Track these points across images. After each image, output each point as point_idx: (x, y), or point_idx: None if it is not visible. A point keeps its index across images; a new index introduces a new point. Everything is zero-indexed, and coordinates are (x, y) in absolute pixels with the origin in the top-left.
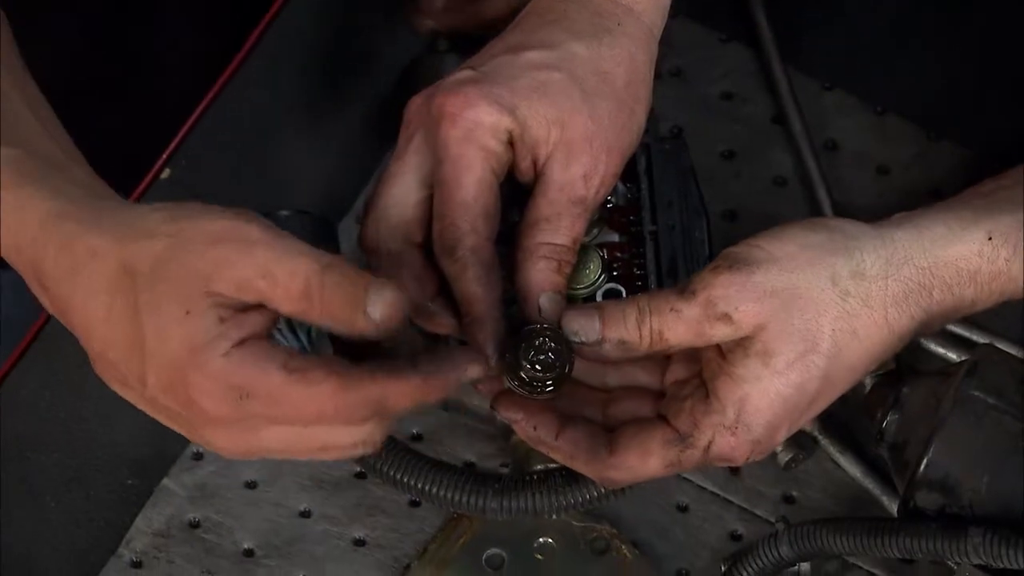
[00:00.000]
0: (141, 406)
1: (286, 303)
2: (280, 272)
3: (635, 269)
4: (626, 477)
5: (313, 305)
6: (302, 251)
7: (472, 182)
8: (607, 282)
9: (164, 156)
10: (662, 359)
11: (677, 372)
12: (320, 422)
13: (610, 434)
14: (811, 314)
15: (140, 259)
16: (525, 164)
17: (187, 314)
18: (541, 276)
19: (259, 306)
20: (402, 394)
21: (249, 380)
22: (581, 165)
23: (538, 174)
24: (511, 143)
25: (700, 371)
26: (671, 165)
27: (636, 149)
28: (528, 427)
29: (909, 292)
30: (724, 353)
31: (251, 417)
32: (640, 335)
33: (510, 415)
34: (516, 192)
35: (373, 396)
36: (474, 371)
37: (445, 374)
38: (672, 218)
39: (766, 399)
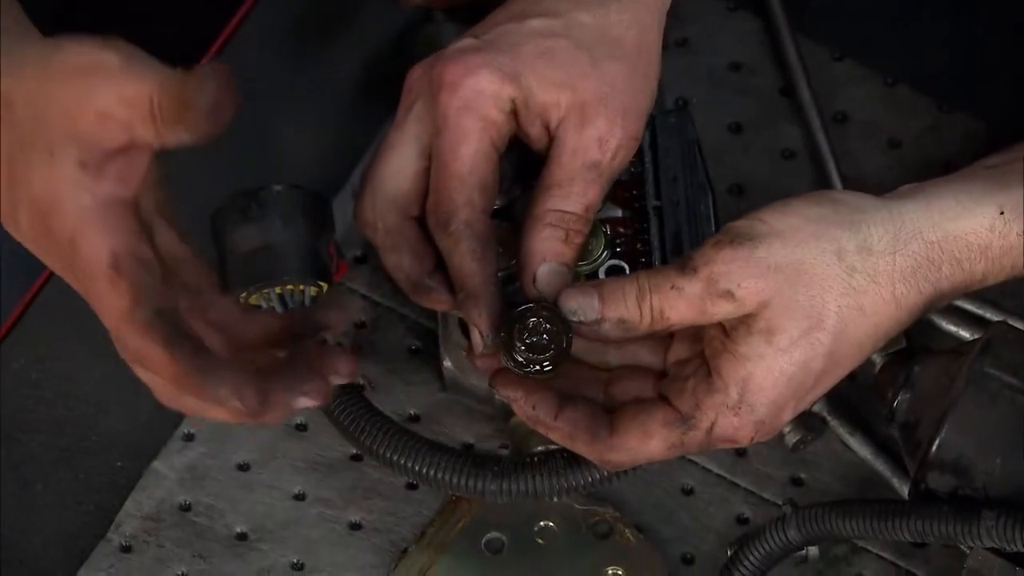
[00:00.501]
0: (29, 247)
1: (143, 128)
2: (133, 96)
3: (639, 245)
4: (626, 459)
5: (157, 121)
6: (151, 72)
7: (469, 154)
8: (610, 258)
9: None
10: (665, 337)
11: (680, 351)
12: (115, 339)
13: (611, 415)
14: (816, 290)
15: (13, 93)
16: (535, 131)
17: (51, 156)
18: (544, 245)
19: (127, 151)
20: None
21: (88, 245)
22: (596, 128)
23: (551, 139)
24: (515, 112)
25: (703, 350)
26: (676, 138)
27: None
28: (527, 406)
29: (917, 267)
30: (727, 331)
31: (90, 280)
32: (640, 314)
33: (508, 393)
34: (524, 164)
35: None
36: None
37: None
38: (677, 193)
39: (770, 378)
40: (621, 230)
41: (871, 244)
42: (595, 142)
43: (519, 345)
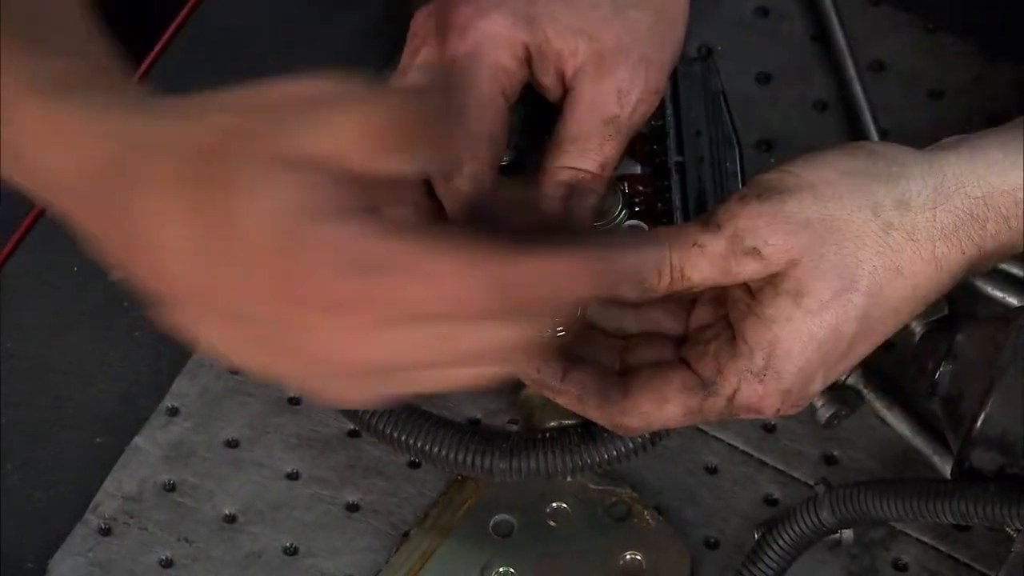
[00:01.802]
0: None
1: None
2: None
3: (659, 204)
4: (640, 424)
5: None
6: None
7: (475, 104)
8: (628, 218)
9: (138, 73)
10: (687, 302)
11: (703, 315)
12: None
13: (624, 377)
14: (849, 248)
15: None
16: (548, 80)
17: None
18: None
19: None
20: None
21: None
22: (615, 80)
23: (566, 90)
24: (528, 60)
25: (727, 314)
26: (699, 89)
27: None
28: (530, 369)
29: (960, 224)
30: (753, 292)
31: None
32: (659, 273)
33: None
34: (537, 114)
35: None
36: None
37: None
38: (700, 148)
39: (798, 342)
40: (640, 188)
41: (909, 199)
42: (613, 95)
43: None
